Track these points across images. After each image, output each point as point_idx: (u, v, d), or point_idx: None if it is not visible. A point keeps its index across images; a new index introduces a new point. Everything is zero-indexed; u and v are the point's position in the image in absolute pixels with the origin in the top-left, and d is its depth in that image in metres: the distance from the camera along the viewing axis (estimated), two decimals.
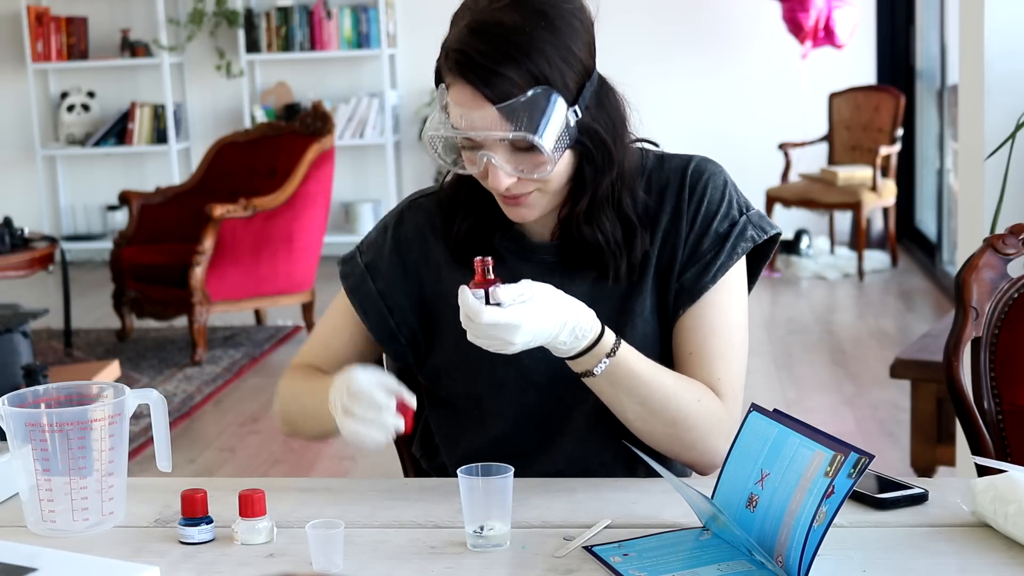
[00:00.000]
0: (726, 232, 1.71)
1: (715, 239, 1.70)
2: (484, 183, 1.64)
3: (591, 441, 1.73)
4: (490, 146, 1.58)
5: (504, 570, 1.41)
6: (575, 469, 1.73)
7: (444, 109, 1.60)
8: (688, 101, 7.88)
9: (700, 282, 1.70)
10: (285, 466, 4.36)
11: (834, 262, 7.36)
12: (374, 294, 1.76)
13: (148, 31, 8.10)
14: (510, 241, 1.73)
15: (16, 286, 6.75)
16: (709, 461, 1.67)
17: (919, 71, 7.75)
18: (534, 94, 1.54)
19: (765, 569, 1.38)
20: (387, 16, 7.95)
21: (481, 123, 1.55)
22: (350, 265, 1.79)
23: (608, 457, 1.73)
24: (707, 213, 1.71)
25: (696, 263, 1.70)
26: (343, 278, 1.79)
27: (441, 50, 1.59)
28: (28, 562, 1.36)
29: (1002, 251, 1.87)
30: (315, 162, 5.89)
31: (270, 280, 5.83)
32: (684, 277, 1.71)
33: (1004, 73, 3.07)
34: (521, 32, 1.54)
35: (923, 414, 3.34)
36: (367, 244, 1.80)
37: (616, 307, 1.70)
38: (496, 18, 1.55)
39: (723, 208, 1.72)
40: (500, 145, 1.58)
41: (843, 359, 5.49)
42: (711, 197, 1.72)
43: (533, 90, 1.54)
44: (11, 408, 1.53)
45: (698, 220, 1.71)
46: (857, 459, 1.32)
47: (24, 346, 4.62)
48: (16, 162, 8.33)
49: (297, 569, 1.42)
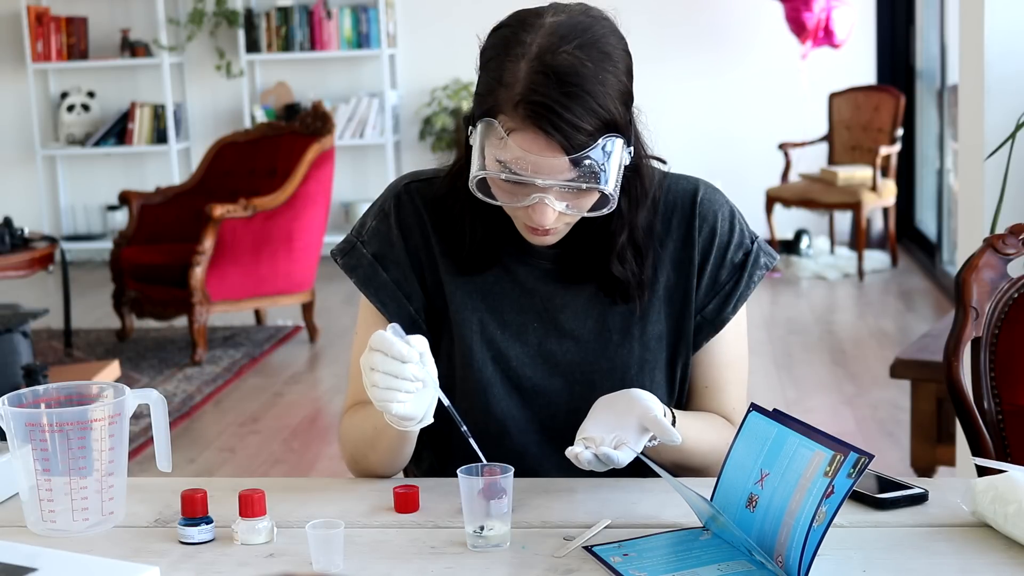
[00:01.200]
0: (741, 262, 1.72)
1: (732, 269, 1.72)
2: (517, 213, 1.60)
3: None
4: (549, 189, 1.55)
5: (504, 570, 1.41)
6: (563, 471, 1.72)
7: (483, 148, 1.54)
8: (688, 101, 7.88)
9: (722, 313, 1.71)
10: (285, 466, 4.36)
11: (834, 262, 7.36)
12: (389, 284, 1.71)
13: (148, 31, 8.10)
14: (510, 242, 1.71)
15: (16, 286, 6.75)
16: None
17: (919, 71, 7.75)
18: (604, 141, 1.52)
19: (765, 569, 1.38)
20: (387, 16, 7.95)
21: (548, 170, 1.52)
22: (353, 257, 1.74)
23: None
24: (720, 244, 1.71)
25: (716, 294, 1.72)
26: (350, 271, 1.73)
27: (497, 86, 1.52)
28: (28, 562, 1.36)
29: (1002, 251, 1.87)
30: (315, 162, 5.89)
31: (270, 280, 5.83)
32: (706, 310, 1.72)
33: (1004, 73, 3.07)
34: (595, 81, 1.51)
35: (923, 414, 3.34)
36: (369, 233, 1.74)
37: (619, 326, 1.70)
38: (569, 64, 1.50)
39: (736, 238, 1.72)
40: (555, 189, 1.55)
41: (843, 359, 5.49)
42: (722, 228, 1.72)
43: (603, 138, 1.52)
44: (11, 408, 1.52)
45: (713, 251, 1.71)
46: (856, 459, 1.32)
47: (24, 346, 4.62)
48: (16, 162, 8.33)
49: (297, 569, 1.42)
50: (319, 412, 4.99)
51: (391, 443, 1.65)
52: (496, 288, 1.70)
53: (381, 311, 1.71)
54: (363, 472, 1.74)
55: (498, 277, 1.71)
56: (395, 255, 1.72)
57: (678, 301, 1.71)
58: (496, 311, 1.70)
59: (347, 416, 1.76)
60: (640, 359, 1.69)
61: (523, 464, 1.67)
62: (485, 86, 1.56)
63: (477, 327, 1.69)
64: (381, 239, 1.73)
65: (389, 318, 1.70)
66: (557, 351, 1.70)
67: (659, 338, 1.71)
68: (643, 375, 1.69)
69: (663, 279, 1.70)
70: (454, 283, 1.71)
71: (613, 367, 1.69)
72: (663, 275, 1.70)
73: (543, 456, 1.71)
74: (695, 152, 7.53)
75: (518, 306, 1.70)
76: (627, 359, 1.69)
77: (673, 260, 1.71)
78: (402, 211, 1.73)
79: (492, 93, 1.53)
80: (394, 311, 1.71)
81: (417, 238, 1.72)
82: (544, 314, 1.70)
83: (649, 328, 1.70)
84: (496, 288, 1.70)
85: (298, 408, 5.05)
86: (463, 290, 1.70)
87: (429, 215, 1.72)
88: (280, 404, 5.10)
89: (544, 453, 1.71)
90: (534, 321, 1.70)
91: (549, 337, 1.70)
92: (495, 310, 1.70)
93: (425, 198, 1.73)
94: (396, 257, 1.72)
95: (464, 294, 1.70)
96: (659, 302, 1.71)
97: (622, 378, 1.68)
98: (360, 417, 1.71)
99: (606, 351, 1.69)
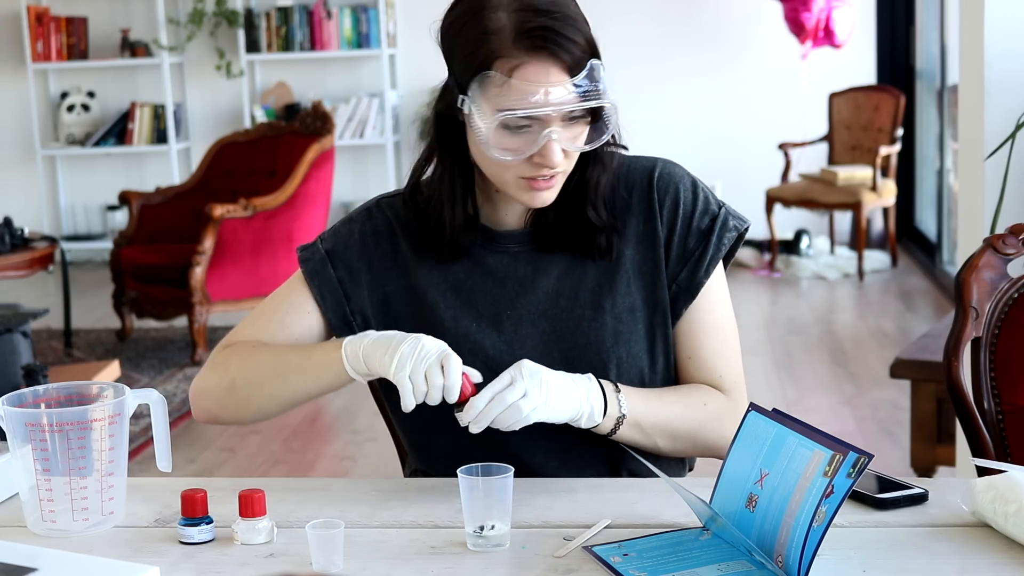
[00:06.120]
0: (708, 227, 1.75)
1: (699, 236, 1.75)
2: (520, 170, 1.63)
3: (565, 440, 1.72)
4: (554, 122, 1.60)
5: (504, 570, 1.41)
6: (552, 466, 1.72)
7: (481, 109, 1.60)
8: (688, 101, 7.88)
9: (695, 279, 1.74)
10: (285, 466, 4.36)
11: (834, 262, 7.36)
12: (333, 280, 1.77)
13: (148, 31, 8.10)
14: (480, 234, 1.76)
15: (16, 286, 6.75)
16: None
17: (919, 71, 7.75)
18: (593, 64, 1.60)
19: (765, 569, 1.38)
20: (387, 16, 7.95)
21: (555, 97, 1.58)
22: (309, 251, 1.80)
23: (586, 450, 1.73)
24: (685, 213, 1.75)
25: (687, 262, 1.75)
26: (302, 263, 1.80)
27: (485, 37, 1.58)
28: (28, 562, 1.36)
29: (1002, 251, 1.87)
30: (315, 162, 5.90)
31: (270, 280, 5.83)
32: (679, 279, 1.75)
33: (1004, 73, 3.07)
34: (573, 7, 1.62)
35: (923, 414, 3.34)
36: (329, 233, 1.82)
37: (590, 301, 1.73)
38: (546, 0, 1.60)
39: (700, 205, 1.76)
40: (559, 120, 1.60)
41: (843, 359, 5.49)
42: (684, 198, 1.76)
43: (592, 60, 1.60)
44: (11, 408, 1.53)
45: (678, 221, 1.75)
46: (856, 459, 1.32)
47: (24, 346, 4.63)
48: (16, 162, 8.33)
49: (297, 569, 1.42)
50: (319, 412, 4.99)
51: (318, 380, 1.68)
52: (468, 282, 1.74)
53: (319, 303, 1.77)
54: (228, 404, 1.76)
55: (468, 272, 1.75)
56: (347, 257, 1.77)
57: (647, 273, 1.74)
58: (470, 304, 1.73)
59: (245, 344, 1.75)
60: (614, 331, 1.72)
61: (507, 451, 1.68)
62: (469, 46, 1.60)
63: (451, 323, 1.72)
64: (338, 240, 1.79)
65: (324, 311, 1.76)
66: (533, 334, 1.72)
67: (631, 310, 1.73)
68: (618, 346, 1.71)
69: (628, 253, 1.74)
70: (426, 281, 1.75)
71: (588, 342, 1.71)
72: (628, 250, 1.74)
73: (529, 441, 1.70)
74: (695, 152, 7.53)
75: (491, 296, 1.74)
76: (601, 332, 1.71)
77: (637, 235, 1.75)
78: (371, 221, 1.80)
79: (481, 46, 1.59)
80: (331, 306, 1.76)
81: (385, 247, 1.78)
82: (517, 300, 1.73)
83: (619, 300, 1.73)
84: (468, 282, 1.74)
85: (298, 408, 5.04)
86: (436, 289, 1.74)
87: (400, 224, 1.78)
88: None
89: (529, 436, 1.70)
90: (507, 309, 1.73)
91: (523, 322, 1.73)
92: (469, 304, 1.73)
93: (396, 209, 1.80)
94: (347, 259, 1.77)
95: (437, 293, 1.74)
96: (627, 275, 1.74)
97: (598, 352, 1.71)
98: (276, 347, 1.73)
99: (580, 327, 1.72)
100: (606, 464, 1.75)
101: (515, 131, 1.60)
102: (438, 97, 1.70)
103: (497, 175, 1.67)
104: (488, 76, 1.59)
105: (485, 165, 1.67)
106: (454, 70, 1.65)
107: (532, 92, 1.57)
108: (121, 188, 7.07)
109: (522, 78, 1.57)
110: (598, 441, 1.71)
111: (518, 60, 1.57)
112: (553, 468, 1.72)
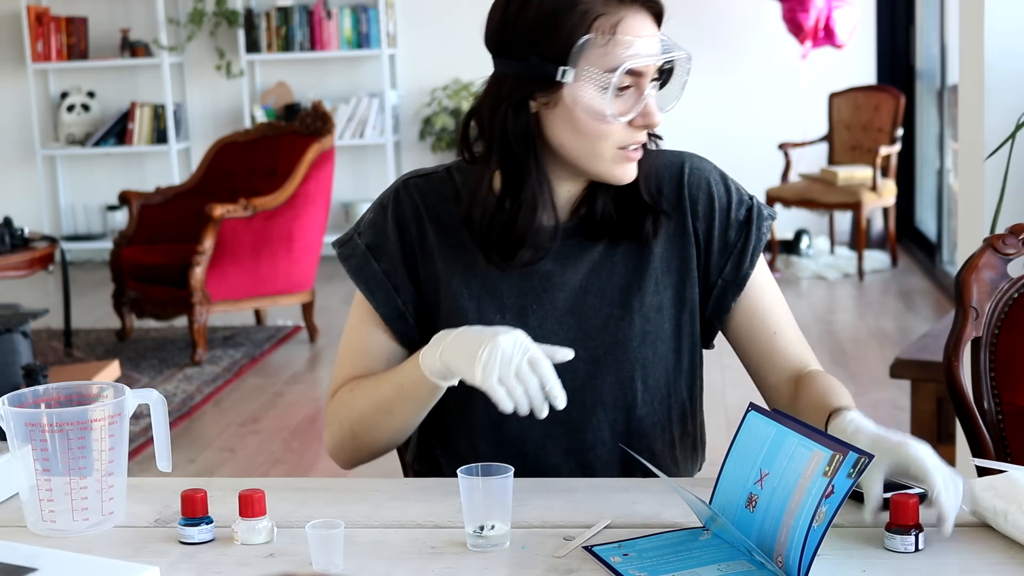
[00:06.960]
0: (746, 218, 1.75)
1: (739, 227, 1.75)
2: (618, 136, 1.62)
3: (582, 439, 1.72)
4: (647, 81, 1.61)
5: (504, 570, 1.41)
6: (569, 467, 1.73)
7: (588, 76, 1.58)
8: (688, 101, 7.84)
9: (741, 270, 1.75)
10: (285, 466, 4.36)
11: (834, 262, 7.36)
12: (379, 274, 1.73)
13: (148, 31, 8.10)
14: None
15: (16, 286, 6.75)
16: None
17: (919, 71, 7.75)
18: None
19: (765, 569, 1.38)
20: (387, 16, 7.95)
21: (654, 49, 1.60)
22: (349, 247, 1.77)
23: (603, 451, 1.73)
24: (721, 207, 1.75)
25: (731, 254, 1.74)
26: (344, 260, 1.76)
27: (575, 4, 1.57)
28: (28, 562, 1.36)
29: (1002, 251, 1.87)
30: (315, 162, 5.89)
31: (270, 280, 5.83)
32: (725, 271, 1.74)
33: (1004, 73, 3.07)
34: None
35: (923, 414, 3.34)
36: (365, 225, 1.77)
37: (617, 300, 1.71)
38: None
39: (734, 197, 1.76)
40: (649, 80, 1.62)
41: (843, 359, 5.49)
42: (717, 192, 1.75)
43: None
44: (11, 408, 1.53)
45: (715, 216, 1.74)
46: (856, 459, 1.32)
47: (24, 346, 4.62)
48: (16, 162, 8.33)
49: (297, 569, 1.42)
50: (319, 412, 4.99)
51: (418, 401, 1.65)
52: (493, 272, 1.71)
53: (369, 300, 1.74)
54: (360, 449, 1.74)
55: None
56: (388, 247, 1.74)
57: (676, 271, 1.73)
58: (495, 296, 1.71)
59: (343, 392, 1.75)
60: (642, 331, 1.71)
61: (524, 448, 1.68)
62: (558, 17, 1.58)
63: (475, 314, 1.70)
64: (376, 231, 1.75)
65: (376, 307, 1.73)
66: (559, 331, 1.71)
67: (658, 309, 1.72)
68: (645, 346, 1.71)
69: (658, 251, 1.72)
70: (450, 271, 1.72)
71: (616, 341, 1.70)
72: (657, 248, 1.72)
73: (546, 437, 1.71)
74: (695, 151, 7.51)
75: (516, 288, 1.71)
76: (628, 332, 1.70)
77: (666, 232, 1.73)
78: (400, 206, 1.75)
79: (572, 11, 1.57)
80: (382, 300, 1.74)
81: (413, 231, 1.74)
82: (543, 295, 1.71)
83: (648, 299, 1.71)
84: (493, 272, 1.71)
85: (298, 408, 5.05)
86: (460, 278, 1.72)
87: (426, 208, 1.74)
88: (280, 404, 5.10)
89: (548, 435, 1.71)
90: (533, 303, 1.71)
91: (549, 318, 1.71)
92: (494, 295, 1.71)
93: (423, 191, 1.75)
94: (389, 249, 1.74)
95: (460, 282, 1.71)
96: (656, 273, 1.72)
97: (625, 351, 1.70)
98: (370, 385, 1.71)
99: (607, 325, 1.71)
100: (620, 465, 1.74)
101: (618, 93, 1.59)
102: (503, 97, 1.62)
103: (597, 151, 1.63)
104: (589, 40, 1.58)
105: (576, 145, 1.63)
106: (540, 50, 1.59)
107: (636, 44, 1.58)
108: (121, 188, 7.07)
109: (624, 32, 1.58)
110: (614, 442, 1.71)
111: (617, 15, 1.58)
112: (570, 468, 1.72)
